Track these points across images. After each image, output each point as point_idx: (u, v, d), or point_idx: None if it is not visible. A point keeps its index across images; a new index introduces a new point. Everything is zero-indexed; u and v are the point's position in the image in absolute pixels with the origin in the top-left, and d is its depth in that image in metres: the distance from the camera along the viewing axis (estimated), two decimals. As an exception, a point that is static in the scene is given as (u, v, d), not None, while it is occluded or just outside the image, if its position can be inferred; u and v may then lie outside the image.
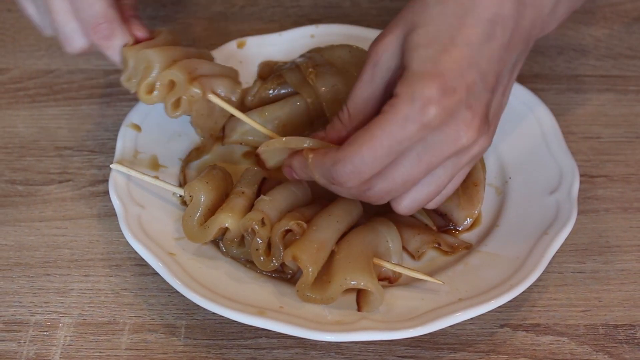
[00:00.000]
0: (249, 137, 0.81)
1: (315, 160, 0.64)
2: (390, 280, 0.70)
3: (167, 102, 0.73)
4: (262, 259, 0.68)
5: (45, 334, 0.69)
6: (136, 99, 0.83)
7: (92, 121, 0.86)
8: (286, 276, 0.70)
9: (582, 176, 0.79)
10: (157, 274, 0.68)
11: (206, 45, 0.93)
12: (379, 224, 0.71)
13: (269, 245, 0.69)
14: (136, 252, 0.69)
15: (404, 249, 0.73)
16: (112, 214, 0.75)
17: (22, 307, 0.71)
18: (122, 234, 0.70)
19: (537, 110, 0.82)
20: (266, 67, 0.87)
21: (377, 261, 0.68)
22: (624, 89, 0.91)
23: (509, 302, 0.67)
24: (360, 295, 0.67)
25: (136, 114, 0.80)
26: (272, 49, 0.89)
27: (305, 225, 0.68)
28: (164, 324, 0.70)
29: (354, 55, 0.82)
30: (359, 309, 0.67)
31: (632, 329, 0.70)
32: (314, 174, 0.65)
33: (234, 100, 0.77)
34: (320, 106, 0.79)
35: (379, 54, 0.64)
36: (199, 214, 0.71)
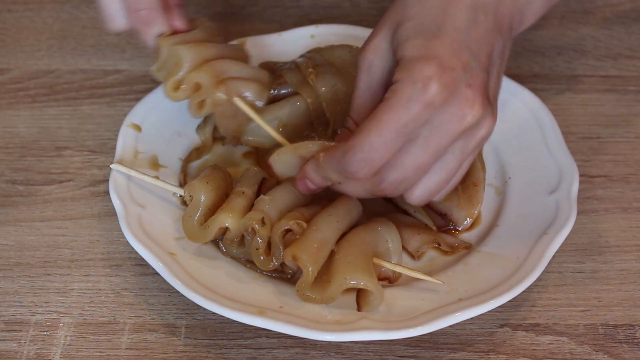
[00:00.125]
0: (249, 138, 0.81)
1: (326, 156, 0.65)
2: (390, 280, 0.70)
3: (192, 102, 0.73)
4: (262, 258, 0.68)
5: (45, 333, 0.69)
6: (137, 99, 0.83)
7: (93, 121, 0.86)
8: (286, 276, 0.70)
9: (581, 176, 0.79)
10: (157, 273, 0.68)
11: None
12: (379, 224, 0.71)
13: (269, 245, 0.69)
14: (136, 252, 0.69)
15: (404, 248, 0.73)
16: (112, 213, 0.75)
17: (23, 307, 0.71)
18: (123, 234, 0.70)
19: (536, 110, 0.82)
20: (266, 67, 0.86)
21: (377, 261, 0.68)
22: (623, 89, 0.91)
23: (508, 302, 0.67)
24: (360, 295, 0.67)
25: (136, 114, 0.80)
26: (272, 49, 0.89)
27: (305, 225, 0.68)
28: (164, 324, 0.70)
29: (354, 55, 0.82)
30: (359, 309, 0.67)
31: (631, 328, 0.70)
32: (328, 172, 0.65)
33: (258, 105, 0.77)
34: (320, 106, 0.79)
35: (369, 58, 0.65)
36: (199, 213, 0.71)
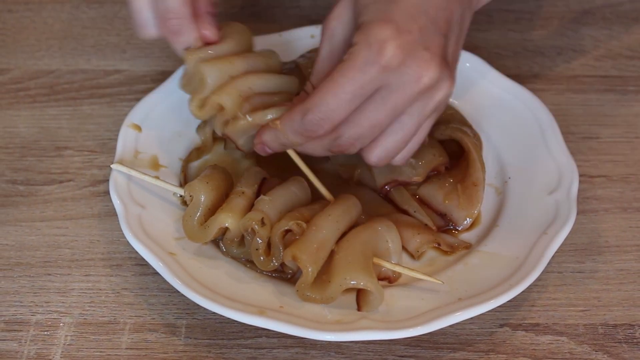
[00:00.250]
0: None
1: (284, 120, 0.66)
2: (390, 280, 0.70)
3: (217, 122, 0.72)
4: (262, 258, 0.68)
5: (46, 333, 0.69)
6: (137, 99, 0.83)
7: (93, 121, 0.86)
8: (286, 276, 0.71)
9: (581, 176, 0.79)
10: (157, 273, 0.68)
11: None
12: (379, 224, 0.71)
13: (269, 245, 0.69)
14: (137, 252, 0.69)
15: (404, 248, 0.73)
16: (112, 213, 0.75)
17: (23, 307, 0.71)
18: (123, 234, 0.70)
19: (536, 110, 0.82)
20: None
21: (377, 261, 0.68)
22: (623, 89, 0.91)
23: (508, 301, 0.67)
24: (360, 294, 0.67)
25: (136, 114, 0.80)
26: (272, 49, 0.88)
27: (305, 225, 0.68)
28: (165, 324, 0.70)
29: (353, 55, 0.82)
30: (359, 309, 0.67)
31: (631, 328, 0.70)
32: (287, 135, 0.66)
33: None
34: (320, 106, 0.79)
35: (332, 25, 0.66)
36: (199, 213, 0.71)
